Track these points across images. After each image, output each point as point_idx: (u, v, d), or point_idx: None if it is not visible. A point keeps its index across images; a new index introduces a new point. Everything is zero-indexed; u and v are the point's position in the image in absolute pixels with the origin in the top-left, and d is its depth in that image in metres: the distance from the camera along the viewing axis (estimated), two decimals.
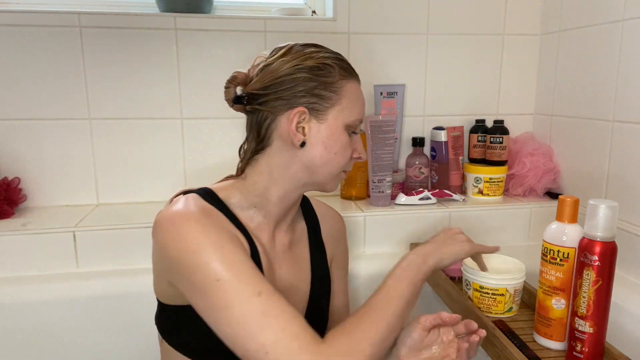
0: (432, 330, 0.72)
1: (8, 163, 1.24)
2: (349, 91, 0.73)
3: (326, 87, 0.71)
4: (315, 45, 0.75)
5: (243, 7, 1.40)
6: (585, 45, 1.22)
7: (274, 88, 0.70)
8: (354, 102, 0.73)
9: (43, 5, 1.27)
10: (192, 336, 0.71)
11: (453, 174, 1.38)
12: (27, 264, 1.07)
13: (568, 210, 0.76)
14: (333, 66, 0.71)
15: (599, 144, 1.18)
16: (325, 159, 0.72)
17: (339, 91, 0.71)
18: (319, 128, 0.71)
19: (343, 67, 0.73)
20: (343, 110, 0.72)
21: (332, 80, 0.71)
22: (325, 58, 0.72)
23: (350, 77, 0.74)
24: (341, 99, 0.72)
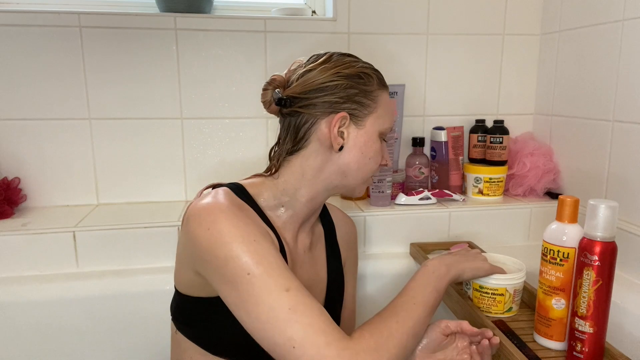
0: (450, 336, 0.75)
1: (8, 163, 1.24)
2: (384, 100, 0.77)
3: (366, 95, 0.74)
4: (352, 56, 0.78)
5: (243, 7, 1.40)
6: (585, 45, 1.22)
7: (316, 93, 0.73)
8: (388, 111, 0.78)
9: (43, 5, 1.27)
10: (208, 329, 0.72)
11: (453, 174, 1.38)
12: (27, 264, 1.07)
13: (568, 210, 0.76)
14: (372, 76, 0.76)
15: (599, 144, 1.18)
16: (361, 163, 0.75)
17: (376, 99, 0.76)
18: (357, 134, 0.74)
19: (379, 77, 0.78)
20: (379, 118, 0.76)
21: (371, 89, 0.75)
22: (365, 68, 0.76)
23: (385, 88, 0.78)
24: (378, 107, 0.76)
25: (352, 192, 0.80)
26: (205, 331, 0.73)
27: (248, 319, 0.62)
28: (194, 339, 0.74)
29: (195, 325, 0.74)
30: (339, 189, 0.79)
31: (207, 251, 0.64)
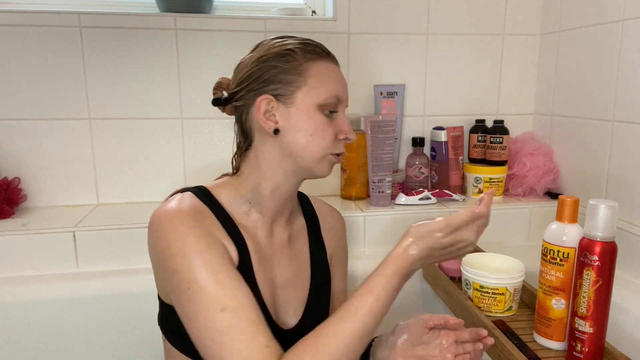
0: (433, 330, 0.70)
1: (8, 163, 1.24)
2: (317, 71, 0.71)
3: (289, 72, 0.70)
4: (283, 37, 0.74)
5: (243, 7, 1.40)
6: (585, 45, 1.22)
7: (244, 83, 0.72)
8: (324, 81, 0.71)
9: (43, 5, 1.27)
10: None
11: (453, 174, 1.38)
12: (27, 264, 1.07)
13: (568, 210, 0.76)
14: (295, 51, 0.71)
15: (599, 144, 1.18)
16: (302, 142, 0.71)
17: (303, 73, 0.71)
18: (289, 112, 0.70)
19: (307, 50, 0.72)
20: (311, 90, 0.71)
21: (295, 64, 0.71)
22: (289, 44, 0.72)
23: (318, 58, 0.72)
24: (307, 79, 0.71)
25: (313, 173, 0.74)
26: (189, 340, 0.70)
27: (189, 331, 0.62)
28: (180, 348, 0.72)
29: (179, 334, 0.71)
30: (300, 174, 0.74)
31: (159, 260, 0.65)
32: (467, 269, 0.93)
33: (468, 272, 0.93)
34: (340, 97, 0.73)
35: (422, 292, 1.19)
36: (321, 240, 0.85)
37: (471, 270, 0.92)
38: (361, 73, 1.35)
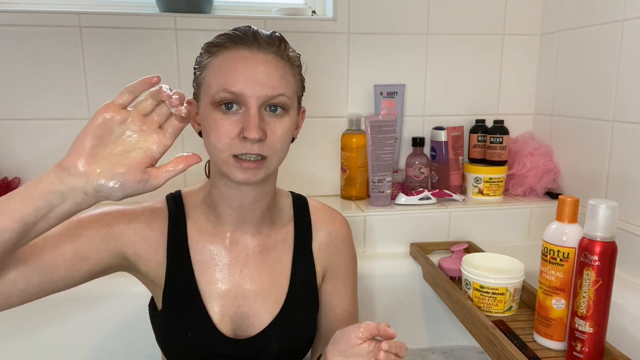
0: (369, 342, 0.63)
1: (8, 163, 1.23)
2: (214, 64, 0.67)
3: (199, 70, 0.69)
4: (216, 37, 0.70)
5: (243, 7, 1.40)
6: (585, 45, 1.22)
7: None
8: (216, 74, 0.65)
9: (43, 5, 1.27)
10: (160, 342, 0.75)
11: (453, 174, 1.38)
12: None
13: (568, 210, 0.76)
14: (204, 46, 0.70)
15: (599, 144, 1.18)
16: (206, 143, 0.68)
17: (204, 69, 0.68)
18: (199, 114, 0.69)
19: (212, 43, 0.68)
20: (206, 87, 0.67)
21: (200, 60, 0.69)
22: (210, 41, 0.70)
23: (221, 49, 0.66)
24: (205, 76, 0.67)
25: (228, 177, 0.67)
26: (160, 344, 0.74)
27: None
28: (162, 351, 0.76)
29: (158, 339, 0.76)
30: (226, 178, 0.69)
31: None
32: (467, 269, 0.93)
33: (468, 272, 0.93)
34: (233, 90, 0.64)
35: (422, 292, 1.19)
36: (310, 252, 0.79)
37: (471, 270, 0.92)
38: (361, 73, 1.35)
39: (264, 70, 0.65)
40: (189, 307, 0.72)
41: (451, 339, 1.22)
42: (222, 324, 0.72)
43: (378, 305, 1.18)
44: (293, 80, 0.69)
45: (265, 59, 0.66)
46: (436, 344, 1.21)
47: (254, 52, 0.65)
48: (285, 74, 0.67)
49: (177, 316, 0.72)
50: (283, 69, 0.67)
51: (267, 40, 0.67)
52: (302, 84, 0.74)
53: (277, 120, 0.67)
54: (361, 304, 1.17)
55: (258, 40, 0.66)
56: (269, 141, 0.66)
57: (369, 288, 1.17)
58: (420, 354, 1.19)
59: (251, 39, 0.66)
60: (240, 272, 0.74)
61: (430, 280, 1.11)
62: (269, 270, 0.76)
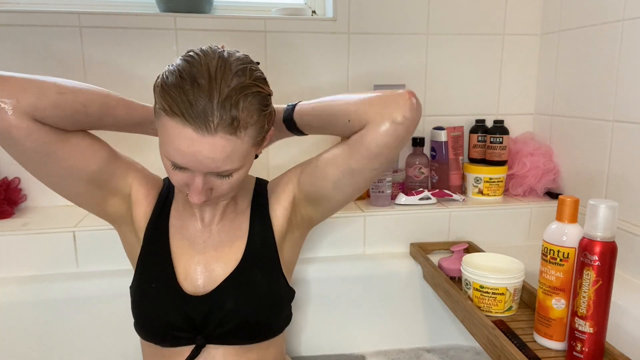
0: None
1: (8, 163, 1.23)
2: (164, 123, 0.66)
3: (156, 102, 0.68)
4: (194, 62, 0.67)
5: (243, 7, 1.40)
6: (585, 45, 1.22)
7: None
8: (165, 138, 0.66)
9: (43, 5, 1.27)
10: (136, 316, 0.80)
11: (453, 174, 1.38)
12: (27, 264, 1.07)
13: (568, 210, 0.76)
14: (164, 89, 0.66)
15: (599, 144, 1.18)
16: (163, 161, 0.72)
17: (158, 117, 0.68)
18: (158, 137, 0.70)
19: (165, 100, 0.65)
20: (160, 135, 0.68)
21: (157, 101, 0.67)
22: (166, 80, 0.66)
23: (171, 115, 0.64)
24: (159, 123, 0.68)
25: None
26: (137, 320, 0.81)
27: None
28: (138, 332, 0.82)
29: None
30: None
31: None
32: (467, 269, 0.93)
33: (468, 272, 0.93)
34: (178, 163, 0.67)
35: (422, 292, 1.19)
36: (267, 217, 0.84)
37: (471, 270, 0.92)
38: (361, 73, 1.35)
39: (209, 154, 0.65)
40: (158, 262, 0.80)
41: (451, 339, 1.22)
42: (185, 282, 0.78)
43: (378, 305, 1.18)
44: (245, 146, 0.68)
45: (212, 142, 0.64)
46: (436, 344, 1.22)
47: (201, 134, 0.64)
48: (234, 149, 0.66)
49: (148, 270, 0.80)
50: (232, 146, 0.66)
51: (219, 121, 0.63)
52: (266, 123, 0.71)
53: (225, 180, 0.71)
54: (361, 303, 1.18)
55: (207, 123, 0.63)
56: (215, 194, 0.73)
57: (369, 288, 1.17)
58: (416, 353, 1.19)
59: (201, 121, 0.63)
60: (203, 245, 0.81)
61: (430, 280, 1.11)
62: (231, 237, 0.82)
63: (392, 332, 1.20)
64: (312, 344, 1.18)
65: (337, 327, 1.18)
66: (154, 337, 0.79)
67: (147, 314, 0.78)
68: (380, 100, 0.71)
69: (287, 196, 0.85)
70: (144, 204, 0.82)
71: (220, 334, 0.77)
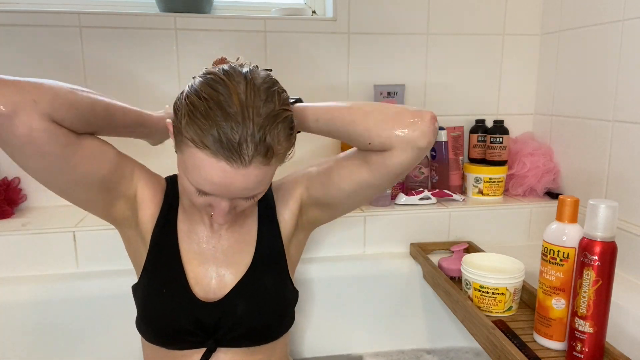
0: None
1: (8, 163, 1.23)
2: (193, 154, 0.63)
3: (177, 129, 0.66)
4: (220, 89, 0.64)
5: (243, 7, 1.40)
6: (585, 45, 1.22)
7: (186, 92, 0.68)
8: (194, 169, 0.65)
9: (43, 5, 1.27)
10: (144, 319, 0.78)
11: (453, 174, 1.38)
12: (27, 264, 1.07)
13: (568, 210, 0.76)
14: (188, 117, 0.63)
15: (599, 144, 1.18)
16: (181, 181, 0.72)
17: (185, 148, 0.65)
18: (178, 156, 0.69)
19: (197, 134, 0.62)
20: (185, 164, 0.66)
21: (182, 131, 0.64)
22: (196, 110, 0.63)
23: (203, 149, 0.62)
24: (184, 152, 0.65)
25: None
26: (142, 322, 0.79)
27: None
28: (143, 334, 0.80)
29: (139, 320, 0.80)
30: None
31: None
32: (467, 269, 0.93)
33: (468, 272, 0.93)
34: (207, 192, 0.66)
35: (422, 292, 1.19)
36: (274, 221, 0.83)
37: (471, 270, 0.92)
38: (361, 73, 1.35)
39: (242, 185, 0.65)
40: (168, 267, 0.78)
41: (451, 339, 1.21)
42: (197, 288, 0.77)
43: (378, 306, 1.18)
44: (274, 169, 0.68)
45: (246, 173, 0.63)
46: (436, 344, 1.21)
47: (235, 167, 0.62)
48: (266, 175, 0.66)
49: (157, 274, 0.78)
50: (264, 173, 0.65)
51: (253, 154, 0.62)
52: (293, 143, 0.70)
53: (250, 200, 0.71)
54: (361, 303, 1.18)
55: (242, 157, 0.62)
56: (238, 211, 0.73)
57: (369, 288, 1.17)
58: (416, 354, 1.19)
59: (236, 155, 0.62)
60: (213, 250, 0.80)
61: (430, 280, 1.11)
62: (240, 242, 0.82)
63: (392, 333, 1.20)
64: (311, 345, 1.18)
65: (337, 327, 1.18)
66: (162, 340, 0.78)
67: (157, 319, 0.77)
68: (404, 124, 0.70)
69: (294, 200, 0.84)
70: (150, 206, 0.80)
71: (230, 338, 0.77)
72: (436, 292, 1.08)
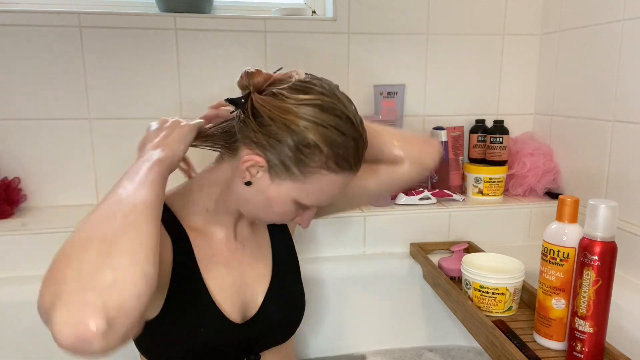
0: None
1: (8, 163, 1.23)
2: (322, 181, 0.66)
3: (297, 164, 0.64)
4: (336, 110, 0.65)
5: (243, 7, 1.40)
6: (585, 45, 1.22)
7: (264, 122, 0.64)
8: (320, 192, 0.67)
9: (43, 5, 1.27)
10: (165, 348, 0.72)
11: (453, 174, 1.38)
12: (27, 264, 1.07)
13: (568, 210, 0.76)
14: (323, 152, 0.64)
15: (599, 144, 1.18)
16: (262, 209, 0.70)
17: (309, 176, 0.65)
18: (269, 185, 0.67)
19: (338, 157, 0.65)
20: (302, 190, 0.67)
21: (309, 164, 0.64)
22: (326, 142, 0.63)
23: (338, 171, 0.66)
24: (306, 181, 0.66)
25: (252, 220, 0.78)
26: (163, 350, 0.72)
27: None
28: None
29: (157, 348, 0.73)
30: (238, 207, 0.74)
31: None
32: (467, 269, 0.93)
33: (468, 272, 0.93)
34: (323, 204, 0.71)
35: (422, 292, 1.19)
36: (287, 231, 0.86)
37: (471, 270, 0.92)
38: (361, 73, 1.35)
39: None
40: (198, 305, 0.72)
41: (451, 339, 1.22)
42: (233, 314, 0.74)
43: (378, 305, 1.18)
44: None
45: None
46: (436, 343, 1.21)
47: (350, 176, 0.69)
48: None
49: (186, 315, 0.71)
50: None
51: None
52: None
53: None
54: (361, 303, 1.18)
55: (358, 165, 0.69)
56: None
57: (369, 288, 1.17)
58: (418, 352, 1.19)
59: (357, 165, 0.69)
60: (239, 261, 0.78)
61: (430, 280, 1.11)
62: (259, 250, 0.82)
63: (392, 332, 1.20)
64: (312, 344, 1.18)
65: (337, 326, 1.18)
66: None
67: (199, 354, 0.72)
68: (418, 143, 0.84)
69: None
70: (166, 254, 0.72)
71: (269, 343, 0.79)
72: (436, 292, 1.08)
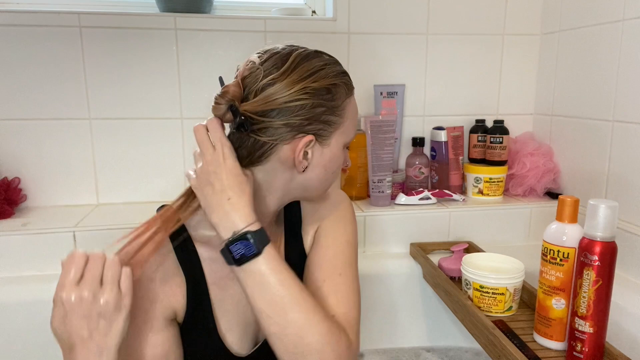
0: None
1: (8, 163, 1.24)
2: (351, 110, 0.70)
3: (333, 112, 0.67)
4: (316, 55, 0.69)
5: (243, 7, 1.40)
6: (585, 45, 1.22)
7: (278, 114, 0.63)
8: (353, 120, 0.71)
9: (43, 5, 1.27)
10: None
11: (453, 174, 1.38)
12: (27, 264, 1.07)
13: (568, 210, 0.76)
14: (339, 85, 0.68)
15: (599, 144, 1.18)
16: (323, 179, 0.70)
17: (343, 113, 0.68)
18: (322, 152, 0.68)
19: (347, 82, 0.70)
20: (344, 132, 0.69)
21: (338, 103, 0.67)
22: (334, 77, 0.67)
23: (351, 93, 0.71)
24: (344, 120, 0.69)
25: (311, 200, 0.77)
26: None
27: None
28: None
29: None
30: (298, 199, 0.75)
31: None
32: (467, 269, 0.93)
33: (468, 272, 0.93)
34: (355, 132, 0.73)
35: (422, 292, 1.19)
36: (300, 238, 0.78)
37: (471, 270, 0.92)
38: (361, 73, 1.35)
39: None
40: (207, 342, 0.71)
41: (451, 339, 1.22)
42: (242, 348, 0.73)
43: (378, 305, 1.18)
44: None
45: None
46: (436, 344, 1.22)
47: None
48: None
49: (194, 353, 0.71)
50: None
51: None
52: None
53: None
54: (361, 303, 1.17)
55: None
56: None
57: (369, 288, 1.17)
58: (416, 352, 1.19)
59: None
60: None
61: (430, 280, 1.11)
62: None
63: (392, 332, 1.20)
64: None
65: None
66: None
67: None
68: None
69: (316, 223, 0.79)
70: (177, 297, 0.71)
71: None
72: (436, 292, 1.08)
